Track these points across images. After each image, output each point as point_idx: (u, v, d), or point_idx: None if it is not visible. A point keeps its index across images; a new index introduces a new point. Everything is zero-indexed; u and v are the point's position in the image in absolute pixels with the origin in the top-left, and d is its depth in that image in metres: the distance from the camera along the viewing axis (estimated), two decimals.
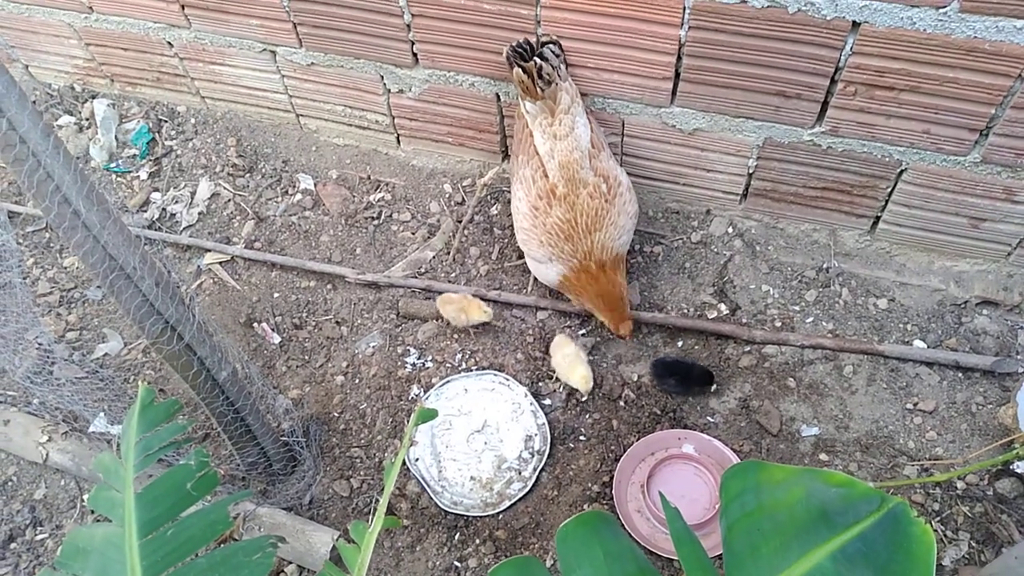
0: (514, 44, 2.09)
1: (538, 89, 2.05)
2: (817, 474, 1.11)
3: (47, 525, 2.17)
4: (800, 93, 2.02)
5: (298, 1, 2.30)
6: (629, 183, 2.17)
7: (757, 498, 1.10)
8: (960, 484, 2.02)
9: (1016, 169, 2.01)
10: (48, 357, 2.34)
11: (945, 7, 1.72)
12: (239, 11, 2.42)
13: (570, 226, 2.07)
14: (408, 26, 2.25)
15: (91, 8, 2.63)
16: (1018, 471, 1.97)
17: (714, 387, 2.19)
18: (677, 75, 2.09)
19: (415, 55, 2.35)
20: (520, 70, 2.04)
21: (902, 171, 2.13)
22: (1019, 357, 2.19)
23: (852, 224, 2.35)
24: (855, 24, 1.81)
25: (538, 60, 2.05)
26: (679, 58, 2.05)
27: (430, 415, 1.39)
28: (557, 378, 2.24)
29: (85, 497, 2.19)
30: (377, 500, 2.11)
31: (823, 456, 2.09)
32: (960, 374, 2.19)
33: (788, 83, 2.00)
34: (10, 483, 2.23)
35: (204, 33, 2.56)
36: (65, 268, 2.63)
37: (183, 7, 2.49)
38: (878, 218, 2.30)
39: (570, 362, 2.18)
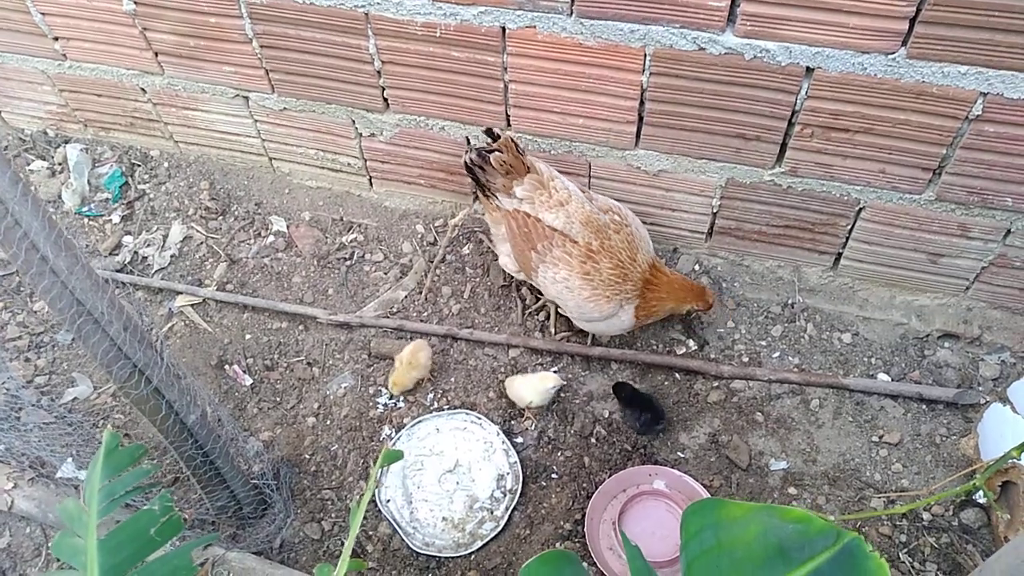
0: (469, 160, 2.11)
1: (523, 163, 2.09)
2: (774, 510, 1.13)
3: (11, 574, 2.13)
4: (759, 135, 2.08)
5: (271, 48, 2.35)
6: (620, 204, 2.23)
7: (716, 535, 1.11)
8: (926, 515, 2.05)
9: (969, 206, 2.08)
10: (15, 402, 2.32)
11: (893, 53, 1.79)
12: (212, 58, 2.46)
13: (621, 268, 2.10)
14: (379, 72, 2.30)
15: (65, 56, 2.66)
16: (980, 501, 2.01)
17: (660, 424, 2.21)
18: (640, 119, 2.15)
19: (386, 100, 2.40)
20: (498, 152, 2.07)
21: (860, 209, 2.19)
22: (980, 389, 2.24)
23: (815, 260, 2.41)
24: (809, 70, 1.88)
25: (501, 138, 2.09)
26: (642, 102, 2.11)
27: (395, 456, 1.39)
28: (528, 415, 2.26)
29: (51, 545, 2.15)
30: None
31: (792, 490, 2.12)
32: (924, 406, 2.23)
33: (747, 126, 2.07)
34: None
35: (177, 79, 2.60)
36: (35, 312, 2.61)
37: (156, 54, 2.52)
38: (840, 254, 2.36)
39: (532, 380, 2.21)
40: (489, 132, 2.12)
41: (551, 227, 2.09)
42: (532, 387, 2.20)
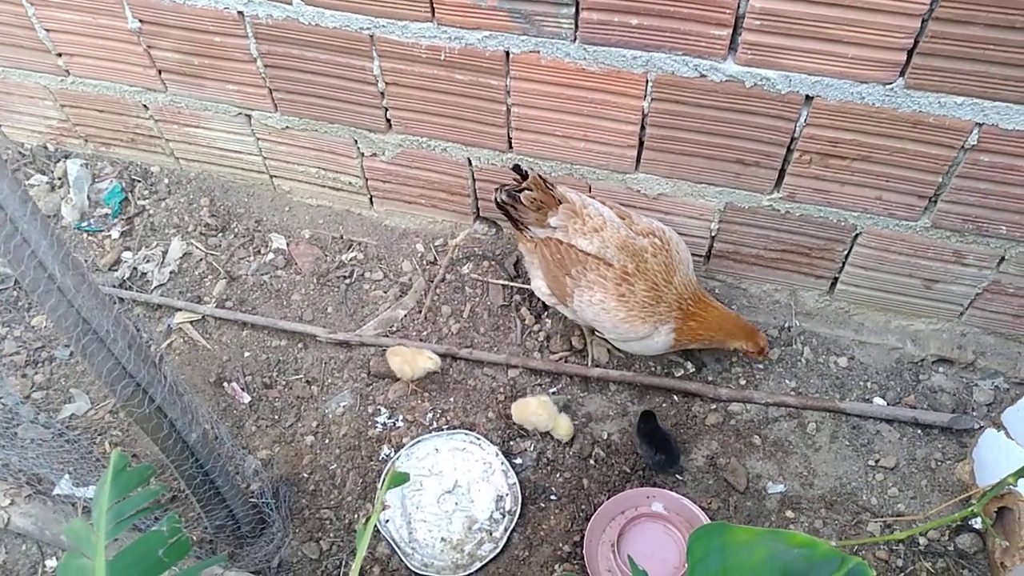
0: (500, 200, 2.16)
1: (553, 197, 2.12)
2: (780, 535, 1.14)
3: None
4: (758, 161, 2.11)
5: (275, 68, 2.37)
6: (664, 226, 2.23)
7: (722, 560, 1.12)
8: (922, 540, 2.06)
9: (964, 234, 2.11)
10: (13, 418, 2.31)
11: (891, 83, 1.83)
12: (216, 76, 2.47)
13: (655, 290, 2.12)
14: (382, 93, 2.32)
15: (68, 72, 2.67)
16: (976, 527, 2.03)
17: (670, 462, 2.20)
18: (641, 143, 2.18)
19: (389, 121, 2.42)
20: (528, 191, 2.11)
21: (857, 235, 2.22)
22: (974, 414, 2.26)
23: (812, 285, 2.43)
24: (808, 98, 1.92)
25: (529, 176, 2.11)
26: (643, 127, 2.13)
27: (402, 479, 1.40)
28: (534, 431, 2.27)
29: (47, 563, 2.14)
30: (346, 563, 2.09)
31: (789, 513, 2.13)
32: (919, 431, 2.25)
33: (747, 152, 2.10)
34: None
35: (180, 97, 2.61)
36: (32, 327, 2.61)
37: (160, 72, 2.54)
38: (836, 279, 2.38)
39: (549, 412, 2.21)
40: (517, 168, 2.14)
41: (584, 252, 2.12)
42: (550, 416, 2.22)
